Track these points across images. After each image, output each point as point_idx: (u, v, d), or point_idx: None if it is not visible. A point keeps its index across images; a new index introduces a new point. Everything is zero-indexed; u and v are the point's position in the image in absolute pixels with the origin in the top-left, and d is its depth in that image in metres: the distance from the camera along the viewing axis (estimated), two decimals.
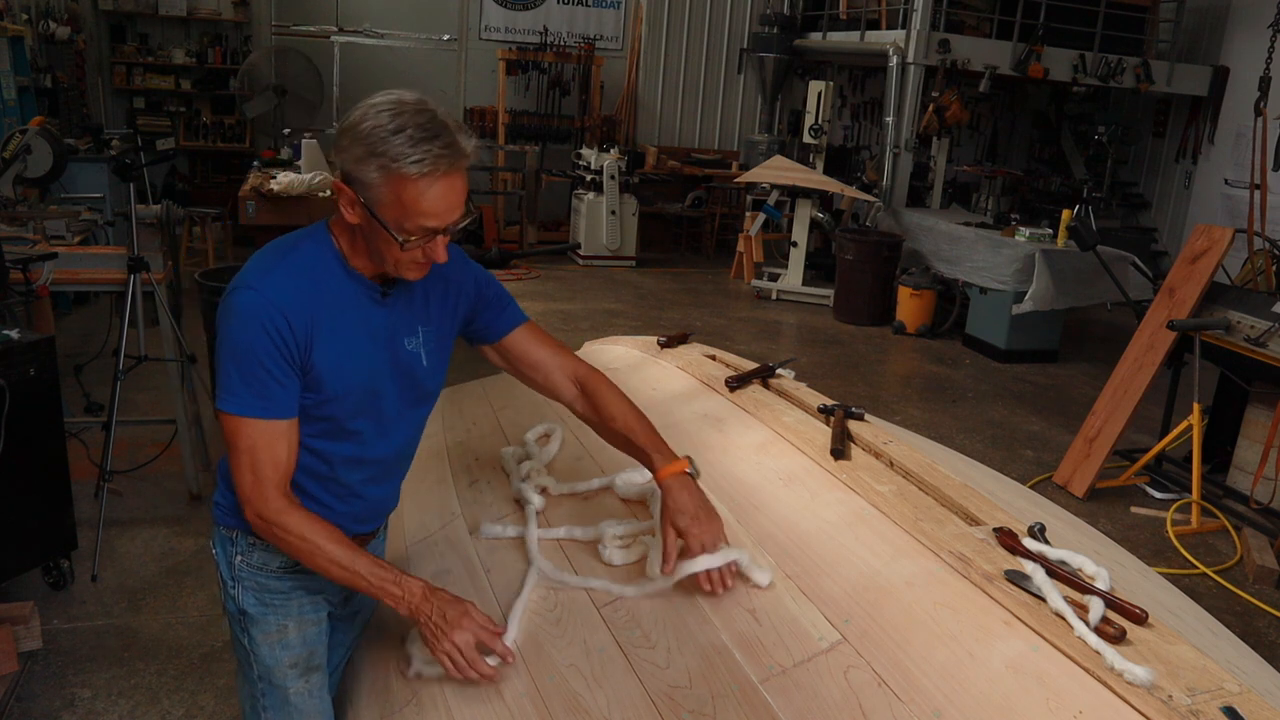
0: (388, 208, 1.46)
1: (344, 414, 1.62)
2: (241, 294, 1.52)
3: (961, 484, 1.83)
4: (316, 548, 1.55)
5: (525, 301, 8.16)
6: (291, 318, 1.51)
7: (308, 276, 1.55)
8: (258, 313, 1.49)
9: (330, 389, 1.58)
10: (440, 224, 1.49)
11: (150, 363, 4.02)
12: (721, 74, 11.69)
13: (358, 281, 1.59)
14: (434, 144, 1.42)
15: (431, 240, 1.50)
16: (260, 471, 1.54)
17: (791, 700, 1.38)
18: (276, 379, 1.52)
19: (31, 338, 3.19)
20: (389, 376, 1.65)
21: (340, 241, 1.58)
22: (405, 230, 1.48)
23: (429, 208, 1.46)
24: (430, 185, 1.44)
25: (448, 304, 1.74)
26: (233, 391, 1.52)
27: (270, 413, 1.54)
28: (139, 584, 3.53)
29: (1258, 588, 4.18)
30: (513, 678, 1.60)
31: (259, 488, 1.55)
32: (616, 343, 3.17)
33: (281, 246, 1.59)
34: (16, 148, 4.91)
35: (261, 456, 1.54)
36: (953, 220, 8.36)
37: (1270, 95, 6.42)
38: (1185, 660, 1.30)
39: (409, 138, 1.42)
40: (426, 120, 1.44)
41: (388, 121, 1.43)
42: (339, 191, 1.50)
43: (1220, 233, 4.97)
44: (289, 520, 1.56)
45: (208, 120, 10.52)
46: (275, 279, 1.53)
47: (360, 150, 1.44)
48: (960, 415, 6.13)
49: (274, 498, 1.55)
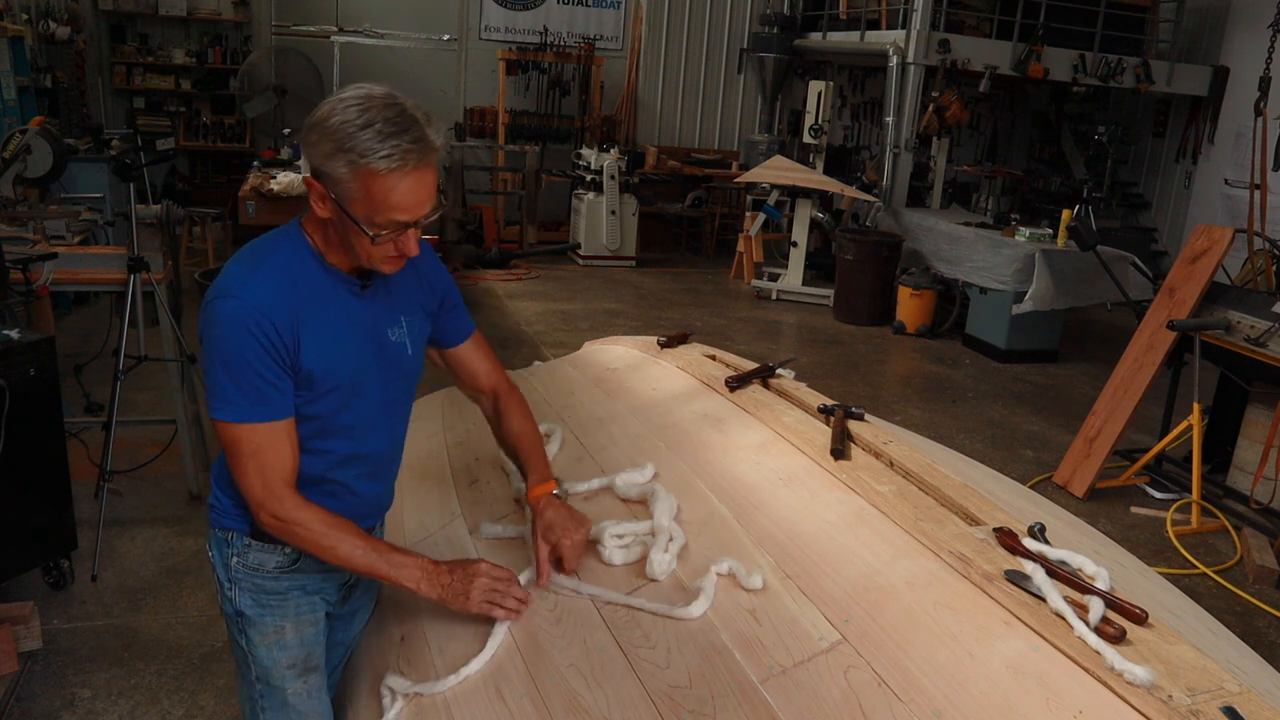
0: (358, 203, 1.46)
1: (334, 409, 1.62)
2: (223, 302, 1.51)
3: (961, 484, 1.82)
4: (339, 539, 1.58)
5: (525, 301, 8.19)
6: (277, 320, 1.51)
7: (287, 276, 1.55)
8: (243, 319, 1.49)
9: (321, 384, 1.59)
10: (410, 217, 1.49)
11: (150, 363, 4.02)
12: (721, 74, 11.70)
13: (336, 277, 1.60)
14: (402, 139, 1.42)
15: (403, 234, 1.51)
16: (268, 473, 1.55)
17: (791, 700, 1.38)
18: (270, 382, 1.52)
19: (31, 338, 3.19)
20: (376, 368, 1.67)
21: (315, 238, 1.59)
22: (376, 225, 1.48)
23: (399, 202, 1.46)
24: (400, 180, 1.44)
25: (423, 297, 1.76)
26: (228, 400, 1.52)
27: (270, 415, 1.54)
28: (139, 584, 3.53)
29: (1258, 588, 4.18)
30: (513, 677, 1.60)
31: (270, 489, 1.56)
32: (616, 343, 3.17)
33: (257, 250, 1.59)
34: (16, 148, 4.91)
35: (268, 459, 1.55)
36: (953, 220, 8.36)
37: (1270, 95, 6.43)
38: (1185, 660, 1.30)
39: (377, 132, 1.41)
40: (395, 114, 1.43)
41: (355, 116, 1.42)
42: (309, 187, 1.50)
43: (1220, 233, 4.97)
44: (306, 516, 1.57)
45: (208, 120, 10.53)
46: (255, 284, 1.53)
47: (329, 146, 1.44)
48: (960, 415, 6.14)
49: (287, 497, 1.57)
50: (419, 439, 2.58)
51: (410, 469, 2.35)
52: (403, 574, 1.62)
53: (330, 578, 1.77)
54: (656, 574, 1.69)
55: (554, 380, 2.89)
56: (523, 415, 1.93)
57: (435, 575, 1.64)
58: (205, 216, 8.14)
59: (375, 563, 1.60)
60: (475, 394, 1.96)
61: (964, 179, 10.24)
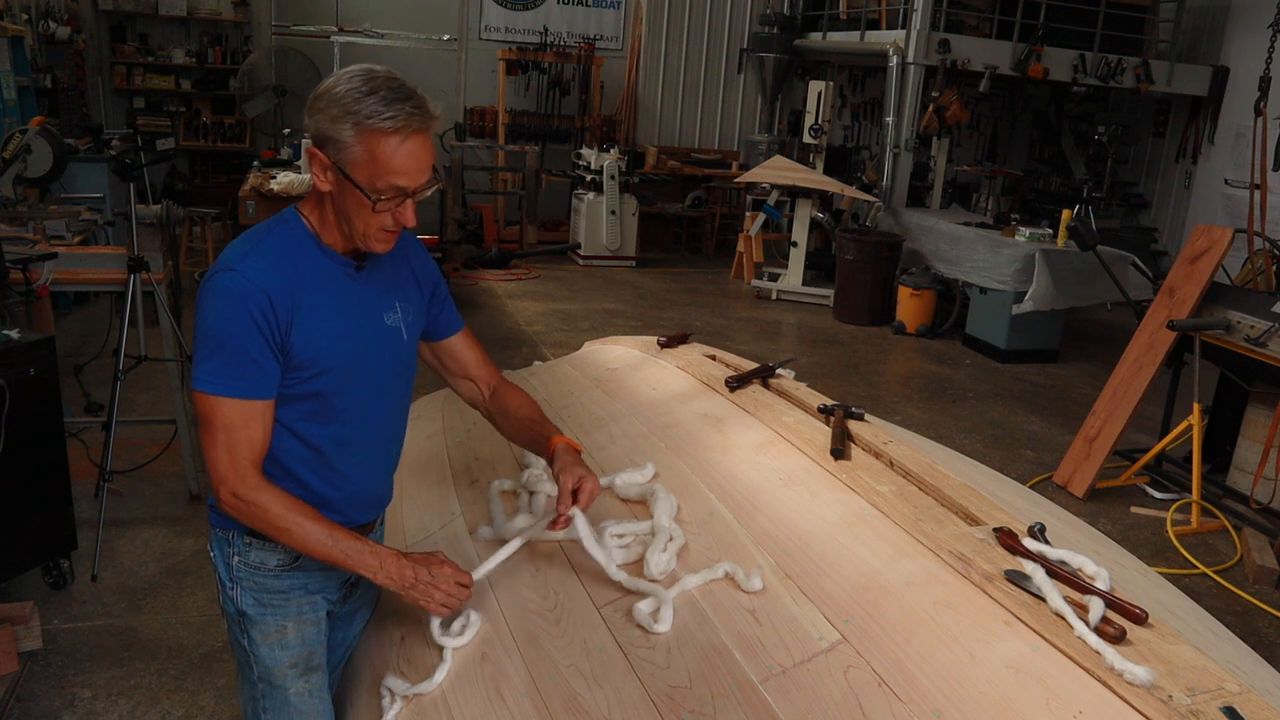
0: (361, 166, 1.52)
1: (330, 390, 1.63)
2: (224, 276, 1.54)
3: (961, 484, 1.82)
4: (295, 523, 1.58)
5: (525, 301, 8.19)
6: (275, 298, 1.54)
7: (286, 257, 1.58)
8: (241, 294, 1.52)
9: (316, 365, 1.60)
10: (410, 184, 1.54)
11: (150, 363, 4.02)
12: (721, 74, 11.70)
13: (332, 259, 1.63)
14: (406, 104, 1.50)
15: (401, 203, 1.56)
16: (236, 451, 1.56)
17: (791, 700, 1.38)
18: (255, 360, 1.54)
19: (31, 338, 3.19)
20: (372, 351, 1.68)
21: (311, 219, 1.63)
22: (377, 189, 1.53)
23: (401, 165, 1.52)
24: (403, 142, 1.51)
25: (416, 286, 1.79)
26: (211, 372, 1.54)
27: (248, 393, 1.55)
28: (139, 584, 3.53)
29: (1258, 588, 4.18)
30: (513, 677, 1.61)
31: (235, 466, 1.56)
32: (616, 343, 3.17)
33: (256, 233, 1.63)
34: (16, 148, 4.91)
35: (238, 436, 1.56)
36: (953, 220, 8.36)
37: (1270, 95, 6.42)
38: (1185, 660, 1.30)
39: (381, 98, 1.49)
40: (398, 85, 1.52)
41: (361, 85, 1.50)
42: (311, 157, 1.55)
43: (1220, 233, 4.97)
44: (265, 497, 1.57)
45: (208, 120, 10.53)
46: (255, 261, 1.56)
47: (336, 110, 1.50)
48: (960, 415, 6.13)
49: (250, 475, 1.57)
50: (419, 439, 2.59)
51: (410, 469, 2.35)
52: (359, 560, 1.61)
53: (331, 576, 1.77)
54: (654, 574, 1.69)
55: (554, 380, 2.89)
56: (520, 393, 1.95)
57: (394, 568, 1.63)
58: (205, 216, 8.14)
59: (331, 549, 1.60)
60: (469, 386, 1.96)
61: (964, 179, 10.23)
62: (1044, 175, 11.69)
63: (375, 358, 1.69)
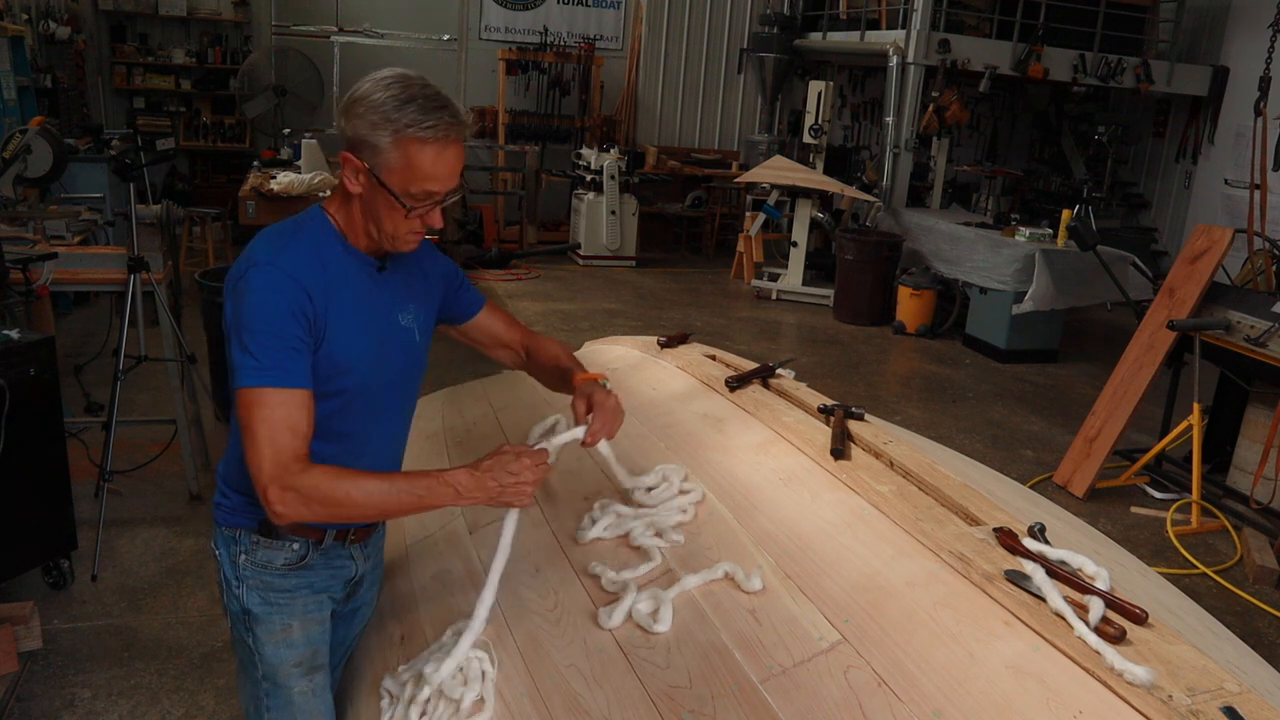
0: (395, 173, 1.54)
1: (353, 389, 1.64)
2: (262, 270, 1.54)
3: (961, 484, 1.82)
4: (352, 486, 1.52)
5: (525, 301, 8.19)
6: (311, 291, 1.55)
7: (316, 254, 1.60)
8: (278, 286, 1.53)
9: (343, 363, 1.60)
10: (442, 189, 1.58)
11: (150, 363, 4.02)
12: (721, 74, 11.69)
13: (357, 258, 1.65)
14: (444, 113, 1.53)
15: (432, 208, 1.59)
16: (279, 443, 1.49)
17: (791, 700, 1.38)
18: (294, 348, 1.53)
19: (31, 338, 3.19)
20: (390, 350, 1.69)
21: (337, 219, 1.65)
22: (410, 195, 1.56)
23: (435, 171, 1.55)
24: (441, 150, 1.54)
25: (427, 288, 1.81)
26: (251, 367, 1.50)
27: (294, 382, 1.52)
28: (139, 584, 3.53)
29: (1258, 588, 4.18)
30: (513, 677, 1.60)
31: (278, 460, 1.48)
32: (616, 343, 3.17)
33: (284, 229, 1.64)
34: (16, 148, 4.91)
35: (282, 429, 1.49)
36: (953, 220, 8.36)
37: (1270, 95, 6.42)
38: (1185, 660, 1.30)
39: (420, 106, 1.52)
40: (434, 93, 1.55)
41: (399, 92, 1.52)
42: (345, 161, 1.57)
43: (1220, 233, 4.97)
44: (314, 476, 1.50)
45: (208, 120, 10.52)
46: (289, 256, 1.57)
47: (375, 117, 1.52)
48: (960, 415, 6.13)
49: (294, 464, 1.49)
50: (419, 439, 2.58)
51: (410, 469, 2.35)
52: (434, 496, 1.56)
53: (337, 574, 1.77)
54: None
55: None
56: (550, 343, 2.01)
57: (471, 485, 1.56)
58: (205, 216, 8.14)
59: (401, 496, 1.55)
60: (505, 353, 2.01)
61: (964, 179, 10.23)
62: (1044, 175, 11.69)
63: (391, 358, 1.70)
